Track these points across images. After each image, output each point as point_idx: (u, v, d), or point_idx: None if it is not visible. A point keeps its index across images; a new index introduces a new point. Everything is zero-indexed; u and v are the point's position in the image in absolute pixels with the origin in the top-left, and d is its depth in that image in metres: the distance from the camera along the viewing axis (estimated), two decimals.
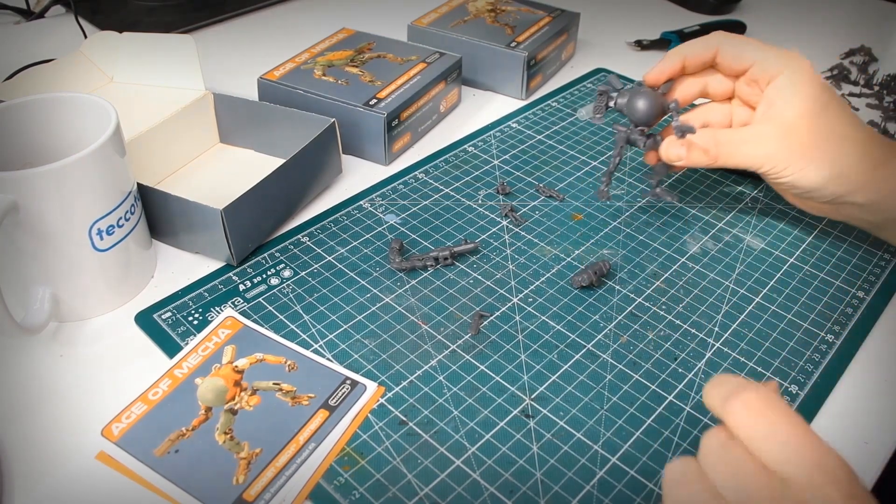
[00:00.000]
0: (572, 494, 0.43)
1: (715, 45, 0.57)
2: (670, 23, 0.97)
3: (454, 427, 0.47)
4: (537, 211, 0.64)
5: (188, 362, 0.50)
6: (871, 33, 0.97)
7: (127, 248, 0.53)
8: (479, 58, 0.80)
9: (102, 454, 0.45)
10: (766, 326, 0.54)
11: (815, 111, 0.53)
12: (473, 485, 0.43)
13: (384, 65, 0.74)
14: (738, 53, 0.56)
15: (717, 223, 0.63)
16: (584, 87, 0.82)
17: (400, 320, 0.54)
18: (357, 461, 0.44)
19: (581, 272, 0.56)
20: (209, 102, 0.68)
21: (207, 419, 0.46)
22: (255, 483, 0.43)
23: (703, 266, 0.59)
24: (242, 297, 0.55)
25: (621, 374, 0.50)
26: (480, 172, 0.69)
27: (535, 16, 0.84)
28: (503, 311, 0.55)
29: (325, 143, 0.63)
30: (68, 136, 0.54)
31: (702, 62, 0.58)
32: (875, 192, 0.54)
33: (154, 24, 0.92)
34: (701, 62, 0.58)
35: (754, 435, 0.34)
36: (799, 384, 0.50)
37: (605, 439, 0.46)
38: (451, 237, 0.61)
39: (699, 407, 0.48)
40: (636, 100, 0.58)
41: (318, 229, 0.61)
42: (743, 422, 0.34)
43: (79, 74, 0.71)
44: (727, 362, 0.51)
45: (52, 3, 0.95)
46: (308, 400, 0.48)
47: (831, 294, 0.57)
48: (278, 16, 0.98)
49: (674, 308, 0.55)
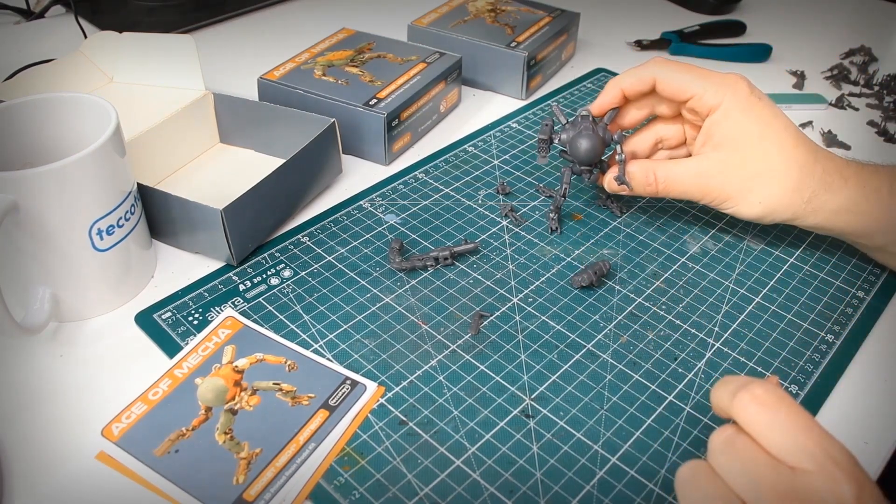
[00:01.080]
0: (572, 494, 0.43)
1: (651, 77, 0.58)
2: (670, 23, 0.97)
3: (454, 427, 0.47)
4: (537, 211, 0.64)
5: (188, 362, 0.50)
6: (871, 33, 0.97)
7: (127, 248, 0.53)
8: (479, 58, 0.80)
9: (102, 454, 0.45)
10: (766, 326, 0.54)
11: (749, 145, 0.55)
12: (473, 485, 0.43)
13: (384, 65, 0.74)
14: (676, 86, 0.57)
15: (717, 223, 0.63)
16: (584, 87, 0.82)
17: (400, 320, 0.54)
18: (357, 461, 0.44)
19: (581, 272, 0.56)
20: (209, 102, 0.68)
21: (207, 419, 0.46)
22: (255, 483, 0.43)
23: (703, 266, 0.59)
24: (242, 297, 0.55)
25: (621, 374, 0.50)
26: (480, 172, 0.69)
27: (535, 16, 0.84)
28: (503, 311, 0.55)
29: (325, 143, 0.63)
30: (68, 136, 0.54)
31: (640, 92, 0.59)
32: (819, 220, 0.55)
33: (154, 24, 0.92)
34: (639, 92, 0.59)
35: (762, 427, 0.35)
36: (799, 384, 0.50)
37: (605, 439, 0.46)
38: (451, 237, 0.61)
39: (699, 407, 0.48)
40: (578, 141, 0.59)
41: (319, 229, 0.61)
42: (751, 415, 0.35)
43: (79, 74, 0.71)
44: (727, 362, 0.51)
45: (52, 3, 0.95)
46: (308, 400, 0.48)
47: (831, 294, 0.57)
48: (278, 16, 0.98)
49: (674, 308, 0.55)
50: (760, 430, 0.35)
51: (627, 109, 0.61)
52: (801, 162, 0.54)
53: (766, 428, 0.35)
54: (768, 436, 0.34)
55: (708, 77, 0.56)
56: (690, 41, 0.92)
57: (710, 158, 0.56)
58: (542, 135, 0.61)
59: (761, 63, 0.90)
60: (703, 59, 0.90)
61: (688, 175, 0.57)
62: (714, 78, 0.55)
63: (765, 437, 0.35)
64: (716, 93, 0.55)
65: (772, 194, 0.54)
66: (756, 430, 0.35)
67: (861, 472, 0.33)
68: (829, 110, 0.81)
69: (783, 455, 0.34)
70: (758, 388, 0.35)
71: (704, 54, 0.91)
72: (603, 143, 0.59)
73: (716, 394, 0.38)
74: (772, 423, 0.34)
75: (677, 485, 0.37)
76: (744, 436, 0.35)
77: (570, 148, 0.59)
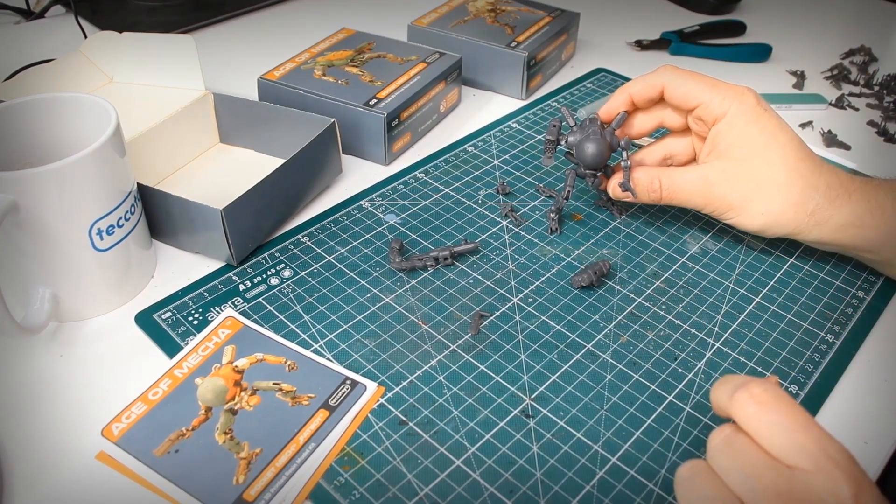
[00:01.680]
0: (572, 494, 0.43)
1: (661, 83, 0.58)
2: (670, 23, 0.97)
3: (454, 427, 0.47)
4: (537, 211, 0.64)
5: (188, 362, 0.50)
6: (871, 33, 0.97)
7: (127, 248, 0.53)
8: (479, 58, 0.80)
9: (102, 454, 0.45)
10: (766, 326, 0.54)
11: (754, 155, 0.55)
12: (473, 485, 0.43)
13: (384, 65, 0.74)
14: (683, 92, 0.57)
15: (717, 223, 0.63)
16: (584, 87, 0.82)
17: (400, 320, 0.54)
18: (357, 461, 0.44)
19: (581, 272, 0.56)
20: (209, 102, 0.68)
21: (207, 419, 0.46)
22: (255, 483, 0.43)
23: (703, 266, 0.59)
24: (242, 297, 0.55)
25: (621, 374, 0.50)
26: (480, 172, 0.69)
27: (535, 16, 0.84)
28: (503, 311, 0.55)
29: (325, 143, 0.63)
30: (68, 136, 0.54)
31: (649, 98, 0.59)
32: (823, 234, 0.55)
33: (154, 24, 0.92)
34: (648, 98, 0.59)
35: (761, 426, 0.35)
36: (799, 384, 0.50)
37: (605, 439, 0.46)
38: (451, 237, 0.61)
39: (699, 407, 0.48)
40: (584, 145, 0.59)
41: (318, 229, 0.61)
42: (750, 414, 0.35)
43: (79, 74, 0.71)
44: (727, 362, 0.51)
45: (52, 3, 0.95)
46: (308, 400, 0.48)
47: (831, 294, 0.57)
48: (278, 16, 0.98)
49: (674, 308, 0.55)
50: (759, 429, 0.35)
51: (635, 117, 0.61)
52: (805, 175, 0.54)
53: (765, 427, 0.35)
54: (767, 435, 0.35)
55: (716, 86, 0.56)
56: (690, 41, 0.92)
57: (714, 167, 0.56)
58: (550, 135, 0.61)
59: (761, 63, 0.90)
60: (703, 59, 0.90)
61: (691, 182, 0.57)
62: (722, 88, 0.56)
63: (763, 437, 0.35)
64: (722, 102, 0.55)
65: (774, 207, 0.54)
66: (754, 429, 0.35)
67: (860, 472, 0.33)
68: (829, 110, 0.81)
69: (782, 454, 0.34)
70: (756, 387, 0.35)
71: (704, 54, 0.91)
72: (609, 149, 0.59)
73: (715, 393, 0.38)
74: (770, 423, 0.34)
75: (676, 485, 0.37)
76: (742, 435, 0.35)
77: (576, 151, 0.60)
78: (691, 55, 0.91)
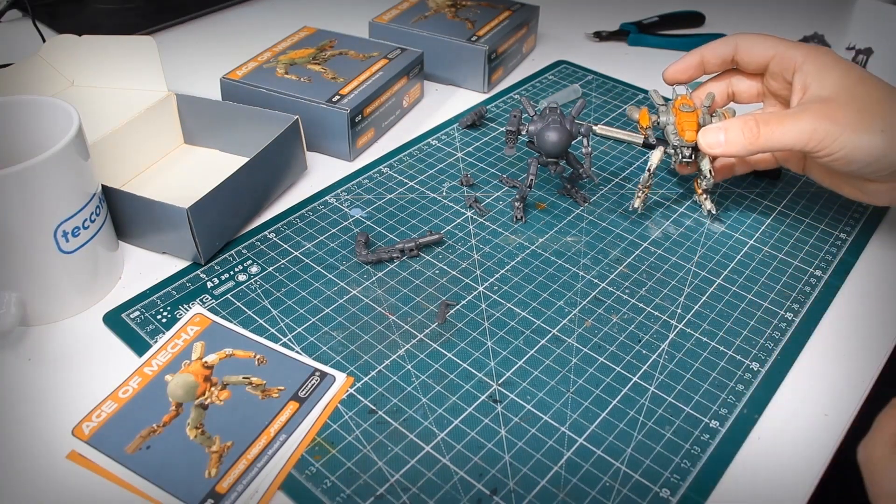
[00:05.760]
0: (541, 475, 0.44)
1: (734, 42, 0.59)
2: (629, 14, 0.98)
3: (423, 414, 0.47)
4: (501, 201, 0.65)
5: (157, 360, 0.50)
6: (824, 20, 0.99)
7: (93, 250, 0.53)
8: (440, 53, 0.80)
9: (73, 453, 0.45)
10: (728, 307, 0.55)
11: (851, 85, 0.53)
12: (443, 469, 0.44)
13: (346, 62, 0.74)
14: (756, 47, 0.58)
15: (679, 208, 0.64)
16: (545, 80, 0.83)
17: (367, 311, 0.54)
18: (328, 451, 0.45)
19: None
20: (172, 103, 0.68)
21: (178, 415, 0.47)
22: (228, 475, 0.43)
23: (665, 250, 0.60)
24: (210, 294, 0.55)
25: (586, 357, 0.51)
26: (444, 165, 0.69)
27: (494, 10, 0.85)
28: (469, 299, 0.55)
29: (289, 141, 0.63)
30: (30, 139, 0.53)
31: (721, 59, 0.60)
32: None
33: (114, 26, 0.91)
34: (720, 59, 0.60)
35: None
36: (760, 361, 0.51)
37: (571, 421, 0.47)
38: (416, 229, 0.62)
39: (663, 386, 0.49)
40: (546, 133, 0.60)
41: (285, 225, 0.62)
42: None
43: (38, 78, 0.70)
44: (690, 342, 0.52)
45: (8, 7, 0.94)
46: (278, 392, 0.48)
47: (790, 274, 0.58)
48: (239, 16, 0.98)
49: (637, 292, 0.56)
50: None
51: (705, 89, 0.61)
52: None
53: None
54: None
55: (789, 42, 0.57)
56: (649, 32, 0.93)
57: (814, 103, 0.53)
58: (511, 126, 0.62)
59: None
60: (661, 50, 0.91)
61: (794, 117, 0.53)
62: (794, 42, 0.56)
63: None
64: (797, 51, 0.55)
65: (893, 120, 0.51)
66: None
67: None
68: None
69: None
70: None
71: (663, 45, 0.92)
72: (570, 136, 0.60)
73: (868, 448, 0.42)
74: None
75: (871, 463, 0.41)
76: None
77: (537, 140, 0.60)
78: (650, 46, 0.92)
